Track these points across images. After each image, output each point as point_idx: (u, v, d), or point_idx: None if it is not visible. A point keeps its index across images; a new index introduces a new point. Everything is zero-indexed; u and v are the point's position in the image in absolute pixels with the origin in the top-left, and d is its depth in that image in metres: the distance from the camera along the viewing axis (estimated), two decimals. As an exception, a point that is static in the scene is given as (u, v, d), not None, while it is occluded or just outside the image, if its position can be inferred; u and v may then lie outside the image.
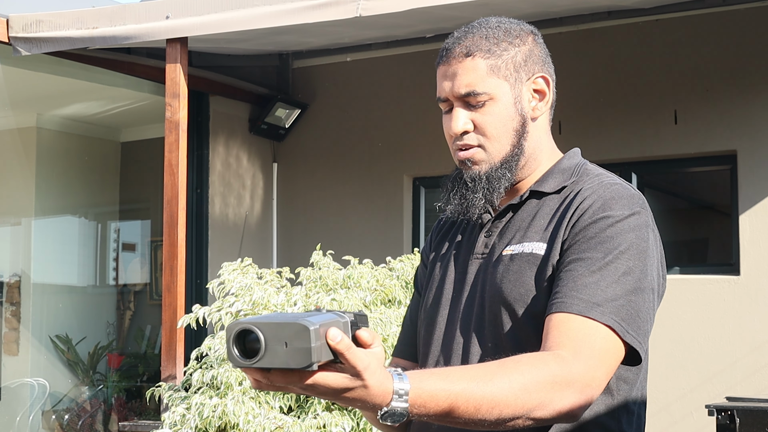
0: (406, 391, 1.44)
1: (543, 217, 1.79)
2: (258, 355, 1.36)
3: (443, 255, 1.93)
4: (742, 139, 6.01)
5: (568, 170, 1.84)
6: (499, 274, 1.76)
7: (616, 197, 1.73)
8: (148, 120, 8.00)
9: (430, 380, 1.48)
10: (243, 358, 1.37)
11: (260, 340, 1.36)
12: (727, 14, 6.07)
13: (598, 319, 1.62)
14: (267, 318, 1.39)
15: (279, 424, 4.31)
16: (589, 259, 1.67)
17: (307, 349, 1.35)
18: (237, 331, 1.37)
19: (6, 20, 5.87)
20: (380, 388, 1.43)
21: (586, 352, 1.59)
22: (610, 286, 1.64)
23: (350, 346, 1.38)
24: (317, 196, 7.37)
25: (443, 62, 1.82)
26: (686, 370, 5.93)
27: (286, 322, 1.36)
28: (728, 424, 4.68)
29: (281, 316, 1.39)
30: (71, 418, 7.70)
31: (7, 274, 7.91)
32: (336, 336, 1.37)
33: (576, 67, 6.40)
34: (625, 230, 1.69)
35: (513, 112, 1.80)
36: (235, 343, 1.38)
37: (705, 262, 7.18)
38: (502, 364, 1.55)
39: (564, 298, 1.64)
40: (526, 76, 1.81)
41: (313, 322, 1.36)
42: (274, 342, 1.36)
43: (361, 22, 5.52)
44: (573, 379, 1.56)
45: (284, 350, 1.35)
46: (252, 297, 4.66)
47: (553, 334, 1.62)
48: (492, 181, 1.79)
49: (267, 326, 1.36)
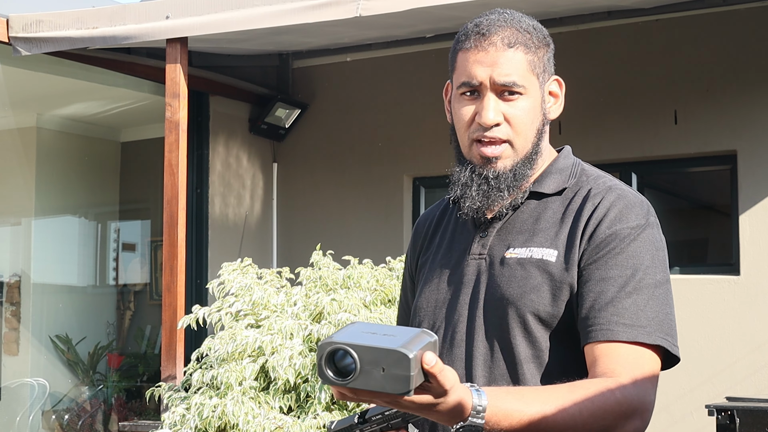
0: (483, 408, 1.48)
1: (548, 221, 1.77)
2: (351, 376, 1.36)
3: (433, 256, 1.90)
4: (742, 139, 6.01)
5: (565, 170, 1.82)
6: (505, 277, 1.74)
7: (629, 206, 1.73)
8: (148, 120, 7.99)
9: (506, 399, 1.52)
10: (336, 377, 1.37)
11: (355, 363, 1.36)
12: (727, 14, 6.07)
13: (646, 342, 1.65)
14: (362, 338, 1.37)
15: (279, 424, 4.31)
16: (619, 278, 1.68)
17: (406, 377, 1.35)
18: (329, 351, 1.36)
19: (6, 20, 5.87)
20: (460, 405, 1.46)
21: (640, 377, 1.63)
22: (648, 305, 1.66)
23: (443, 369, 1.41)
24: (317, 196, 7.36)
25: (479, 47, 1.76)
26: (686, 370, 5.93)
27: (385, 348, 1.35)
28: (728, 424, 4.68)
29: (375, 338, 1.38)
30: (71, 418, 7.70)
31: (7, 274, 7.91)
32: (431, 360, 1.39)
33: (576, 67, 6.39)
34: (645, 241, 1.71)
35: (538, 111, 1.79)
36: (327, 362, 1.37)
37: (705, 262, 7.18)
38: (571, 389, 1.58)
39: (609, 326, 1.65)
40: (548, 76, 1.82)
41: (412, 349, 1.35)
42: (370, 366, 1.35)
43: (361, 22, 5.52)
44: (635, 407, 1.60)
45: (381, 374, 1.35)
46: (252, 297, 4.66)
47: (604, 361, 1.64)
48: (518, 177, 1.77)
49: (364, 350, 1.35)
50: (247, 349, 4.45)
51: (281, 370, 4.33)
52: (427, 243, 1.94)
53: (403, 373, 1.35)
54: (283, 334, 4.45)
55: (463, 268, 1.81)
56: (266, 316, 4.61)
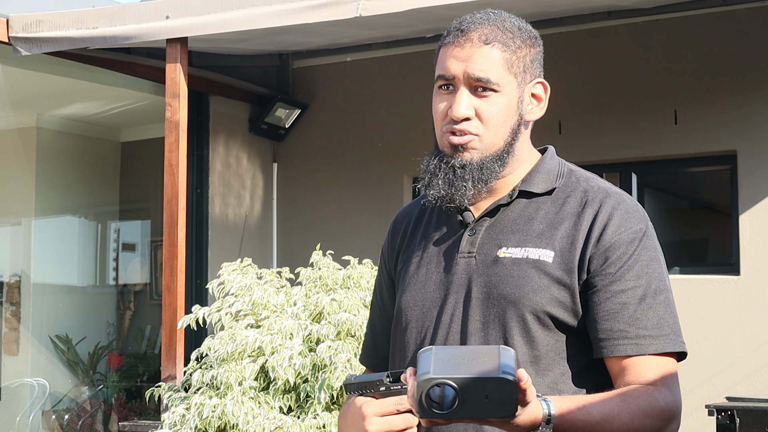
0: (553, 416, 1.55)
1: (542, 222, 1.77)
2: (454, 408, 1.37)
3: (415, 254, 1.89)
4: (742, 139, 6.01)
5: (552, 171, 1.83)
6: (501, 277, 1.74)
7: (630, 210, 1.78)
8: (148, 120, 7.99)
9: (571, 410, 1.58)
10: (438, 410, 1.38)
11: (457, 395, 1.37)
12: (727, 14, 6.07)
13: (671, 351, 1.73)
14: (455, 369, 1.37)
15: (279, 424, 4.31)
16: (637, 289, 1.73)
17: (513, 401, 1.38)
18: (429, 387, 1.37)
19: (6, 20, 5.87)
20: (534, 415, 1.52)
21: (672, 383, 1.72)
22: (666, 313, 1.74)
23: (530, 382, 1.46)
24: (317, 196, 7.36)
25: (456, 43, 1.79)
26: (686, 370, 5.93)
27: (487, 378, 1.36)
28: (728, 424, 4.68)
29: (468, 366, 1.38)
30: (71, 418, 7.70)
31: (7, 274, 7.91)
32: (524, 377, 1.43)
33: (576, 67, 6.39)
34: (650, 248, 1.76)
35: (514, 110, 1.79)
36: (427, 398, 1.38)
37: (705, 262, 7.18)
38: (623, 398, 1.65)
39: (637, 340, 1.71)
40: (529, 78, 1.81)
41: (510, 372, 1.38)
42: (473, 395, 1.37)
43: (361, 22, 5.52)
44: (674, 411, 1.70)
45: (485, 402, 1.37)
46: (252, 297, 4.66)
47: (636, 371, 1.71)
48: (484, 171, 1.77)
49: (465, 381, 1.36)
50: (246, 349, 4.45)
51: (281, 370, 4.33)
52: (407, 241, 1.93)
53: (509, 397, 1.38)
54: (283, 334, 4.45)
55: (452, 266, 1.80)
56: (266, 316, 4.61)
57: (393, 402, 1.62)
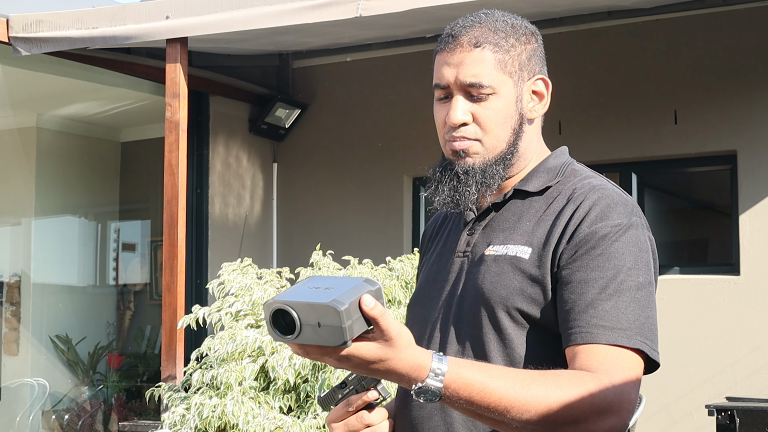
0: (443, 372, 1.47)
1: (528, 220, 1.76)
2: (293, 333, 1.41)
3: (430, 256, 1.92)
4: (742, 139, 6.01)
5: (553, 170, 1.82)
6: (480, 274, 1.74)
7: (612, 205, 1.70)
8: (148, 120, 8.00)
9: (469, 369, 1.50)
10: (281, 334, 1.42)
11: (295, 320, 1.40)
12: (727, 14, 6.07)
13: (625, 345, 1.61)
14: (301, 295, 1.42)
15: (279, 424, 4.31)
16: (600, 279, 1.64)
17: (339, 329, 1.38)
18: (273, 310, 1.41)
19: (6, 20, 5.87)
20: (415, 362, 1.46)
21: (618, 375, 1.59)
22: (629, 308, 1.63)
23: (384, 312, 1.42)
24: (317, 196, 7.37)
25: (447, 49, 1.78)
26: (686, 370, 5.93)
27: (317, 303, 1.39)
28: (728, 424, 4.68)
29: (314, 293, 1.42)
30: (71, 418, 7.70)
31: (7, 274, 7.91)
32: (369, 302, 1.40)
33: (576, 67, 6.39)
34: (628, 242, 1.68)
35: (513, 110, 1.78)
36: (273, 320, 1.42)
37: (705, 262, 7.18)
38: (543, 374, 1.56)
39: (589, 328, 1.62)
40: (528, 75, 1.80)
41: (343, 302, 1.38)
42: (308, 322, 1.40)
43: (361, 22, 5.53)
44: (611, 403, 1.56)
45: (318, 329, 1.39)
46: (252, 297, 4.67)
47: (582, 358, 1.61)
48: (487, 175, 1.77)
49: (300, 306, 1.40)
50: (246, 349, 4.45)
51: (281, 370, 4.33)
52: (431, 245, 1.96)
53: (336, 324, 1.38)
54: (283, 334, 4.45)
55: (450, 266, 1.83)
56: (266, 316, 4.61)
57: (344, 405, 1.64)
